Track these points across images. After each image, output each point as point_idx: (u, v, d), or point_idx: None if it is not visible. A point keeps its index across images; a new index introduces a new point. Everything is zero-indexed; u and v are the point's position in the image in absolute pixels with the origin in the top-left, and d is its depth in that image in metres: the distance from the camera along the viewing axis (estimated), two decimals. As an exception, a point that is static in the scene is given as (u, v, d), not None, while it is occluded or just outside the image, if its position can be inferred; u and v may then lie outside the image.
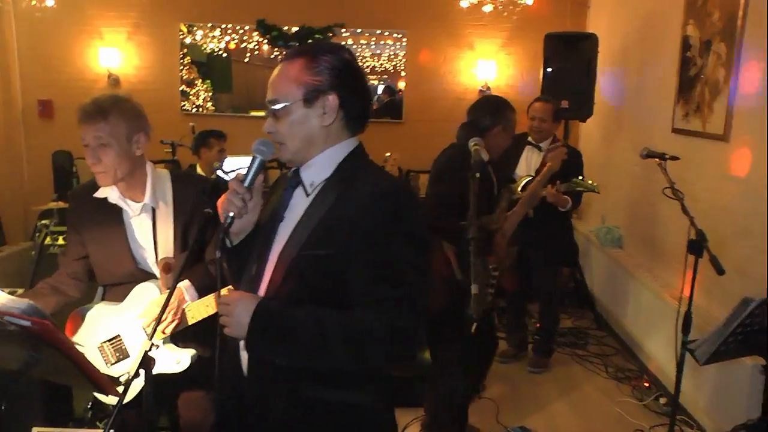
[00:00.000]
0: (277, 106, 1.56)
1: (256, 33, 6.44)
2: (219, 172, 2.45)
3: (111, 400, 2.18)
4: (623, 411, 3.91)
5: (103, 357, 2.28)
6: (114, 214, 2.28)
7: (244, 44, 6.62)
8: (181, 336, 2.26)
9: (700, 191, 3.80)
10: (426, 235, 1.57)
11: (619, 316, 4.98)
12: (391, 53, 6.70)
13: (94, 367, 1.74)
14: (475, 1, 5.59)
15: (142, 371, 1.61)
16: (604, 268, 5.35)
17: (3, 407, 2.04)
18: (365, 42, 6.67)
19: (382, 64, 6.68)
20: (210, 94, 6.77)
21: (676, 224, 4.38)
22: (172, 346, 2.25)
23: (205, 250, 2.33)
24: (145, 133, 2.23)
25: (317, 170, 1.60)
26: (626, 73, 5.24)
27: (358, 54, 6.66)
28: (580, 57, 5.20)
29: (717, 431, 3.39)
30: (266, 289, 1.58)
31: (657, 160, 3.10)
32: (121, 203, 2.27)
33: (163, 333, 2.20)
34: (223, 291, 1.64)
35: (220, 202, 1.59)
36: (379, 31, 6.65)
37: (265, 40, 6.40)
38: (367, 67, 6.65)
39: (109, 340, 2.28)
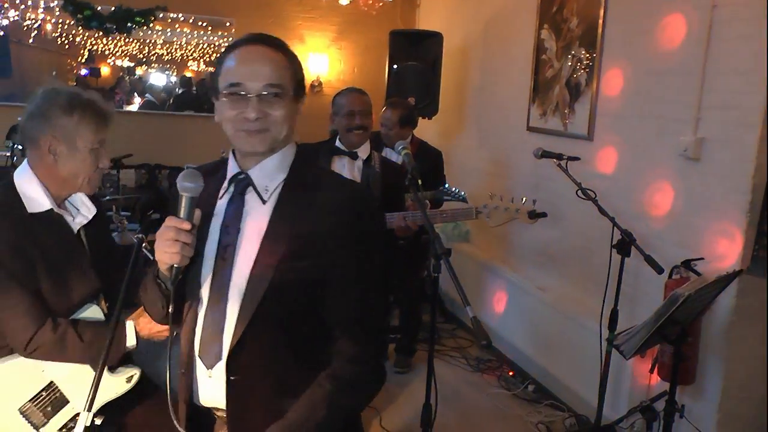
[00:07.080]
0: (280, 91, 1.45)
1: (58, 10, 5.55)
2: None
3: None
4: (497, 402, 4.02)
5: (32, 421, 1.78)
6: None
7: (28, 22, 5.65)
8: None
9: (561, 187, 4.03)
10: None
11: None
12: (202, 42, 6.22)
13: None
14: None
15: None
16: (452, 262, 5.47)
17: None
18: (188, 30, 6.10)
19: (169, 53, 6.14)
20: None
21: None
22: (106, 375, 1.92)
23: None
24: None
25: (272, 173, 1.50)
26: (468, 72, 5.41)
27: (174, 42, 6.09)
28: (425, 55, 5.26)
29: (588, 413, 3.62)
30: (239, 312, 1.43)
31: (554, 160, 3.18)
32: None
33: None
34: None
35: (158, 250, 1.40)
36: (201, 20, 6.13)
37: (75, 21, 5.54)
38: (152, 55, 6.09)
39: (36, 397, 1.82)
